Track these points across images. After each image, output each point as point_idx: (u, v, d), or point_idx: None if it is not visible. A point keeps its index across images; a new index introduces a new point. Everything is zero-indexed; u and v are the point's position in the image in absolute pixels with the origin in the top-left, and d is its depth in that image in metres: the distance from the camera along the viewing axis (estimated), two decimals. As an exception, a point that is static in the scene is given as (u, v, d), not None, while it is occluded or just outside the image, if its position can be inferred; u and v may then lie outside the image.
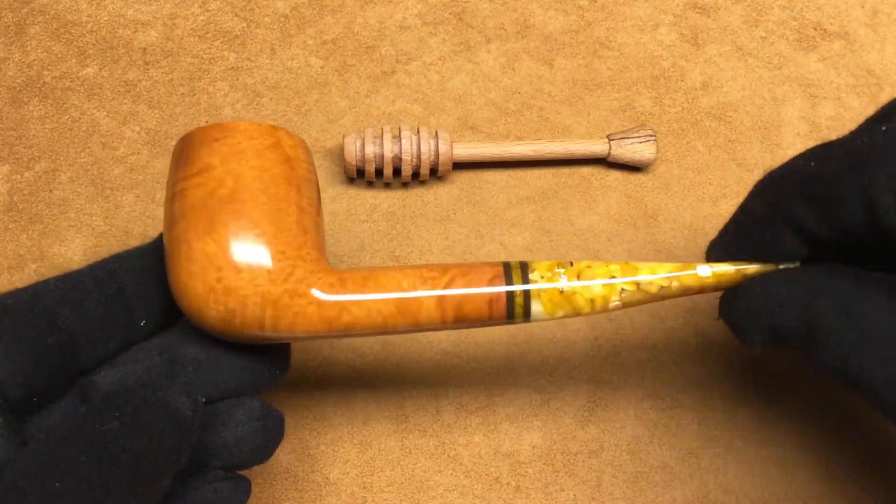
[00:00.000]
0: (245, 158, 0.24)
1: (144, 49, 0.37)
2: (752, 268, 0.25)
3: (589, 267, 0.25)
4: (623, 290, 0.25)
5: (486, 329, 0.34)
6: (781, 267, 0.25)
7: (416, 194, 0.36)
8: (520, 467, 0.32)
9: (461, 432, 0.32)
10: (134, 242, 0.34)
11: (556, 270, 0.25)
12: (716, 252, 0.26)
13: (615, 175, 0.36)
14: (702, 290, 0.26)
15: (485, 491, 0.31)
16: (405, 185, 0.36)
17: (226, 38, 0.38)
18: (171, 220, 0.24)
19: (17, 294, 0.23)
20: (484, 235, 0.35)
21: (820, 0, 0.40)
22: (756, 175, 0.37)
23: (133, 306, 0.25)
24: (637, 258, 0.35)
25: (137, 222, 0.35)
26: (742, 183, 0.36)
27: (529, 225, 0.35)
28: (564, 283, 0.25)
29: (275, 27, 0.38)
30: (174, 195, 0.24)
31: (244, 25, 0.38)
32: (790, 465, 0.32)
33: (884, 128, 0.22)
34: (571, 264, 0.25)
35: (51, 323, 0.23)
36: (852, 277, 0.23)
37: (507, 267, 0.25)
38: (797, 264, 0.25)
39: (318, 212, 0.26)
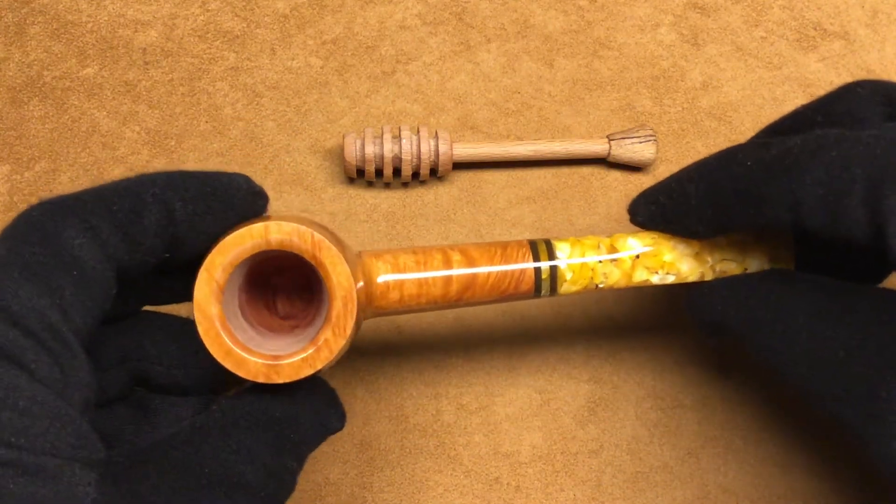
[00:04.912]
0: None
1: (144, 49, 0.37)
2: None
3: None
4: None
5: (486, 329, 0.34)
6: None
7: (416, 194, 0.36)
8: (520, 467, 0.32)
9: (461, 432, 0.32)
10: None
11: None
12: (643, 216, 0.28)
13: (615, 175, 0.37)
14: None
15: (485, 491, 0.31)
16: (405, 185, 0.36)
17: (226, 38, 0.38)
18: None
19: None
20: (484, 235, 0.35)
21: (820, 0, 0.40)
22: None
23: None
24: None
25: (137, 222, 0.35)
26: (742, 183, 0.36)
27: (529, 225, 0.35)
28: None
29: (275, 27, 0.38)
30: None
31: (244, 25, 0.38)
32: (790, 465, 0.32)
33: (818, 132, 0.23)
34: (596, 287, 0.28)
35: None
36: (791, 283, 0.25)
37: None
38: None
39: None
